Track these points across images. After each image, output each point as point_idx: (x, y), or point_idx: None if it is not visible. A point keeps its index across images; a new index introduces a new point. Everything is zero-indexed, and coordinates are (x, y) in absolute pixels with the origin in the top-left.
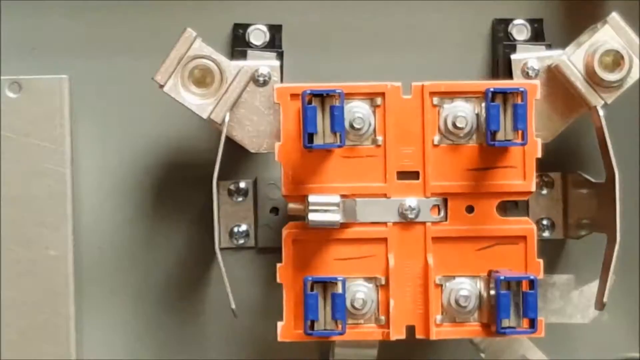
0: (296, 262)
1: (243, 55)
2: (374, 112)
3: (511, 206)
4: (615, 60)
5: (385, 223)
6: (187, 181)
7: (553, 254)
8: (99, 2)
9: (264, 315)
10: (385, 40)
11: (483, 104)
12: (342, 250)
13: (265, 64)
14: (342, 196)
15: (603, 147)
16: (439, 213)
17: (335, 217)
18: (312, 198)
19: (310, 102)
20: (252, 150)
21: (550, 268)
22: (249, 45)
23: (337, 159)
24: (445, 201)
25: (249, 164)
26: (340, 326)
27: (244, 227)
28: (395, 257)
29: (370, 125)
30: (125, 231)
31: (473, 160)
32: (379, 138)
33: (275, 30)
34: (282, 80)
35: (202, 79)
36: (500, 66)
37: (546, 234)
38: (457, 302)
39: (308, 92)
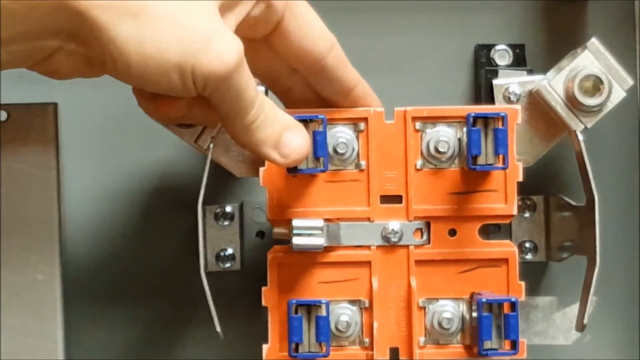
0: (281, 285)
1: None
2: (358, 137)
3: (494, 229)
4: (595, 85)
5: (368, 246)
6: (174, 206)
7: (536, 276)
8: None
9: (250, 338)
10: (369, 66)
11: (465, 129)
12: (326, 273)
13: None
14: (326, 220)
15: (583, 171)
16: (421, 236)
17: (319, 240)
18: (296, 222)
19: None
20: (238, 175)
21: (533, 290)
22: None
23: (321, 183)
24: (428, 224)
25: (235, 188)
26: (324, 348)
27: (230, 251)
28: (378, 280)
29: (353, 150)
30: (113, 256)
31: (455, 184)
32: (362, 162)
33: None
34: None
35: None
36: (483, 91)
37: (529, 256)
38: (440, 324)
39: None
